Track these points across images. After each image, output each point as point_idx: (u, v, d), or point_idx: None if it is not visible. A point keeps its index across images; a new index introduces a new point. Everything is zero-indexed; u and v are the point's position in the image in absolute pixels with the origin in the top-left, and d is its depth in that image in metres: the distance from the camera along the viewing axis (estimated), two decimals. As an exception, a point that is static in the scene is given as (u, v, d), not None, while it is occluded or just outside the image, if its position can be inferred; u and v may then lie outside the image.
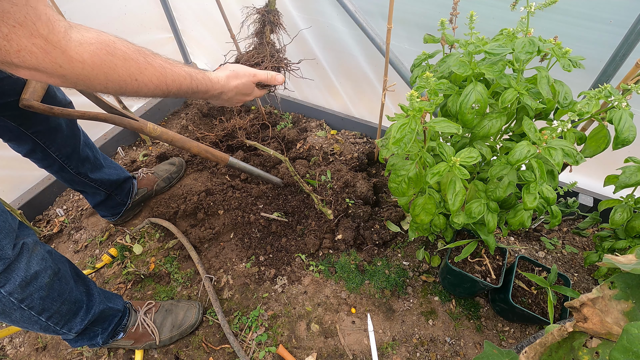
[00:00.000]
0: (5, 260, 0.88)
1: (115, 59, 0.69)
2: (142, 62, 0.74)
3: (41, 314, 0.99)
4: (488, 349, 0.71)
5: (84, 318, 1.12)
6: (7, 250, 0.88)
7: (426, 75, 0.87)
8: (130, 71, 0.73)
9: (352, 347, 1.31)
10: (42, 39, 0.58)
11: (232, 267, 1.54)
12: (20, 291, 0.91)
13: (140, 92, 0.77)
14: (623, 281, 0.55)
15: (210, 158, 1.41)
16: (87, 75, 0.67)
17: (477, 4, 1.25)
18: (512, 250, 1.50)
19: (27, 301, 0.94)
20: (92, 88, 0.71)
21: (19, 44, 0.56)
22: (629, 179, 1.00)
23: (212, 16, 1.96)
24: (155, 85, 0.78)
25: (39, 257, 0.97)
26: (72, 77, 0.66)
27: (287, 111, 2.20)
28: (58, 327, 1.06)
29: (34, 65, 0.60)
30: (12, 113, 1.13)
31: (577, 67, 0.87)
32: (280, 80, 1.10)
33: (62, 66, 0.62)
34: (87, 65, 0.65)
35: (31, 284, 0.94)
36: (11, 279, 0.89)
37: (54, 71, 0.62)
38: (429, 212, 1.06)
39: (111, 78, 0.70)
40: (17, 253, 0.91)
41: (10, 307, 0.92)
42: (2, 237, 0.87)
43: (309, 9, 1.66)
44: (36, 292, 0.95)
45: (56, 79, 0.65)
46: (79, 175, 1.42)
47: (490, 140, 1.07)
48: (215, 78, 0.94)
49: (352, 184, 1.69)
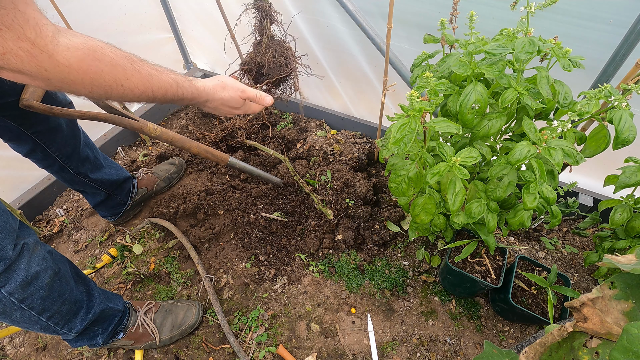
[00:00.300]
0: (6, 260, 0.88)
1: (102, 65, 0.69)
2: (129, 69, 0.75)
3: (41, 314, 0.99)
4: (488, 349, 0.71)
5: (84, 318, 1.12)
6: (8, 251, 0.88)
7: (426, 75, 0.87)
8: (116, 77, 0.73)
9: (352, 347, 1.31)
10: (29, 43, 0.58)
11: (232, 267, 1.54)
12: (20, 291, 0.91)
13: (125, 97, 0.78)
14: (623, 281, 0.55)
15: (210, 158, 1.41)
16: (72, 80, 0.67)
17: (477, 4, 1.25)
18: (512, 250, 1.50)
19: (28, 301, 0.94)
20: (76, 92, 0.71)
21: (5, 46, 0.56)
22: (629, 179, 1.00)
23: (212, 16, 1.96)
24: (141, 92, 0.79)
25: (40, 257, 0.97)
26: (56, 81, 0.66)
27: (287, 111, 2.20)
28: (58, 327, 1.06)
29: (19, 68, 0.60)
30: (12, 113, 1.13)
31: (577, 67, 0.87)
32: (268, 102, 1.09)
33: (47, 70, 0.63)
34: (73, 70, 0.66)
35: (32, 284, 0.94)
36: (12, 279, 0.89)
37: (39, 74, 0.63)
38: (429, 212, 1.06)
39: (97, 83, 0.70)
40: (18, 253, 0.91)
41: (11, 307, 0.92)
42: (2, 237, 0.87)
43: (309, 9, 1.66)
44: (37, 292, 0.95)
45: (40, 81, 0.65)
46: (79, 175, 1.42)
47: (490, 140, 1.07)
48: (202, 87, 0.95)
49: (352, 184, 1.69)
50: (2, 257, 0.87)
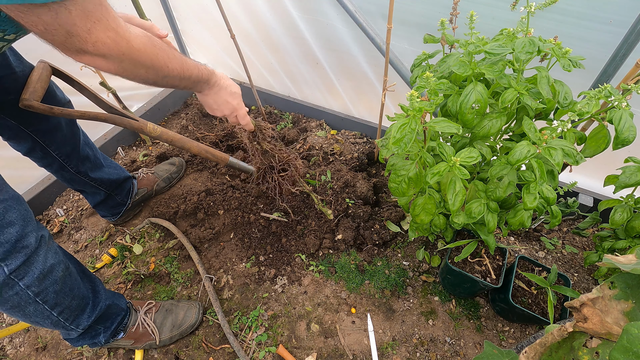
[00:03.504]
0: (28, 250, 0.89)
1: (156, 49, 0.83)
2: (169, 52, 0.87)
3: (54, 309, 1.00)
4: (488, 349, 0.71)
5: (90, 315, 1.13)
6: (31, 239, 0.90)
7: (426, 75, 0.87)
8: (164, 59, 0.86)
9: (352, 347, 1.31)
10: (113, 32, 0.71)
11: (232, 267, 1.54)
12: (37, 284, 0.93)
13: (168, 77, 0.90)
14: (623, 281, 0.55)
15: (210, 158, 1.41)
16: (140, 62, 0.80)
17: (477, 4, 1.24)
18: (512, 250, 1.50)
19: (43, 295, 0.95)
20: (136, 74, 0.83)
21: (97, 36, 0.69)
22: (629, 179, 1.00)
23: (212, 16, 1.96)
24: (178, 72, 0.91)
25: (53, 251, 0.99)
26: (127, 63, 0.78)
27: (287, 111, 2.20)
28: (67, 323, 1.07)
29: (103, 52, 0.72)
30: (12, 111, 1.13)
31: (577, 67, 0.87)
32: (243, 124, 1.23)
33: (124, 53, 0.75)
34: (141, 53, 0.79)
35: (47, 277, 0.95)
36: (30, 271, 0.91)
37: (117, 57, 0.75)
38: (429, 212, 1.06)
39: (153, 64, 0.84)
40: (37, 245, 0.92)
41: (27, 300, 0.93)
42: (25, 225, 0.89)
43: (309, 9, 1.66)
44: (51, 285, 0.97)
45: (115, 63, 0.77)
46: (79, 174, 1.41)
47: (490, 140, 1.08)
48: (212, 69, 1.06)
49: (352, 184, 1.69)
50: (25, 246, 0.88)
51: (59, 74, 1.24)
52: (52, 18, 0.63)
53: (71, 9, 0.63)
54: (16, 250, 0.87)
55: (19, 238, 0.88)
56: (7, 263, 0.87)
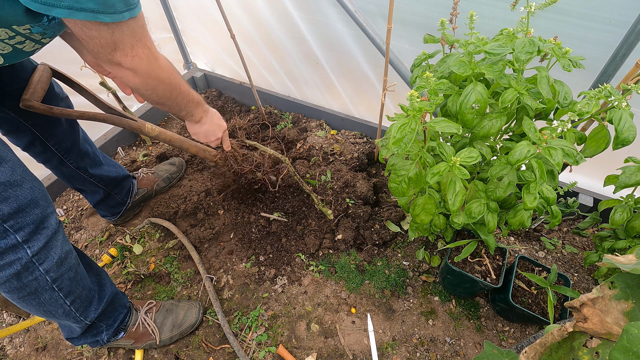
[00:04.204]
0: (50, 230, 0.89)
1: (174, 71, 0.97)
2: (179, 75, 1.01)
3: (67, 297, 1.00)
4: (488, 349, 0.71)
5: (97, 307, 1.14)
6: (52, 220, 0.91)
7: (426, 75, 0.87)
8: (178, 79, 0.99)
9: (352, 347, 1.31)
10: (148, 50, 0.84)
11: (232, 267, 1.54)
12: (55, 269, 0.93)
13: (179, 96, 1.02)
14: (623, 281, 0.55)
15: (208, 157, 1.41)
16: (161, 79, 0.91)
17: (477, 4, 1.24)
18: (512, 250, 1.50)
19: (59, 281, 0.96)
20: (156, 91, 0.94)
21: (138, 52, 0.82)
22: (629, 179, 1.00)
23: (212, 16, 1.96)
24: (186, 94, 1.04)
25: (66, 238, 0.99)
26: (152, 79, 0.89)
27: (287, 111, 2.20)
28: (78, 314, 1.07)
29: (136, 67, 0.84)
30: (11, 103, 1.13)
31: (577, 67, 0.87)
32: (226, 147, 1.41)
33: (152, 69, 0.87)
34: (164, 71, 0.92)
35: (64, 263, 0.95)
36: (50, 256, 0.91)
37: (145, 72, 0.86)
38: (429, 212, 1.06)
39: (171, 82, 0.95)
40: (57, 227, 0.93)
41: (44, 286, 0.93)
42: (46, 206, 0.89)
43: (309, 9, 1.66)
44: (67, 272, 0.97)
45: (141, 78, 0.87)
46: (79, 170, 1.41)
47: (490, 140, 1.07)
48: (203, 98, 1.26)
49: (352, 184, 1.69)
50: (47, 226, 0.89)
51: (59, 76, 1.24)
52: (109, 34, 0.75)
53: (124, 29, 0.76)
54: (38, 232, 0.87)
55: (42, 219, 0.88)
56: (30, 245, 0.86)
